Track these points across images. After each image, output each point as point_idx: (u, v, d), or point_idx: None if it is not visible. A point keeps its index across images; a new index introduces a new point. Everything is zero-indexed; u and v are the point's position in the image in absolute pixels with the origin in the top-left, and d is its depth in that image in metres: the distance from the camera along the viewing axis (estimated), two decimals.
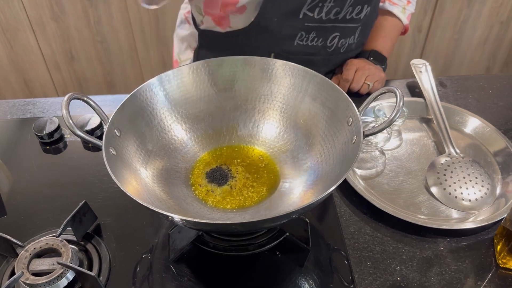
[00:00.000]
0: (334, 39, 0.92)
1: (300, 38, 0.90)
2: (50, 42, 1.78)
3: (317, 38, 0.91)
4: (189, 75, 0.72)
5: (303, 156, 0.70)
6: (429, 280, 0.62)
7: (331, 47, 0.94)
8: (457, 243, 0.66)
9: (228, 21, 0.93)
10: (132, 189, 0.58)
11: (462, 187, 0.72)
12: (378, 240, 0.67)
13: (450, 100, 0.92)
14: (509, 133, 0.83)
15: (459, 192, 0.71)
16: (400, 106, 0.58)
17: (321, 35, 0.91)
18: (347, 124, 0.63)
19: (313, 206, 0.53)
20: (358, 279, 0.62)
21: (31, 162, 0.81)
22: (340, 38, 0.93)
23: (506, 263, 0.63)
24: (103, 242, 0.66)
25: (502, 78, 1.01)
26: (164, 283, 0.62)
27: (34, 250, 0.61)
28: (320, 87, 0.68)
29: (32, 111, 0.93)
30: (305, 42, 0.91)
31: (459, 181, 0.72)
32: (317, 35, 0.91)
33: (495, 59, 1.98)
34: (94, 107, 0.62)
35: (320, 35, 0.91)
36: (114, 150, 0.60)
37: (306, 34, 0.90)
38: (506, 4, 1.78)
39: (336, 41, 0.93)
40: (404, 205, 0.71)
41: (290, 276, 0.62)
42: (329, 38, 0.92)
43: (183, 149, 0.72)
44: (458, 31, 1.86)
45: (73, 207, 0.65)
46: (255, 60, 0.72)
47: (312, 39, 0.91)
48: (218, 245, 0.65)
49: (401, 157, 0.80)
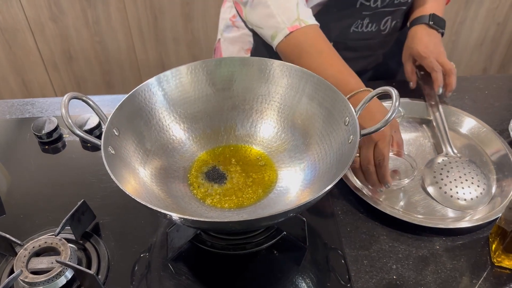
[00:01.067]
0: (386, 23, 0.93)
1: (355, 26, 0.92)
2: (49, 43, 1.78)
3: (371, 24, 0.92)
4: (187, 75, 0.72)
5: (300, 155, 0.70)
6: (425, 279, 0.62)
7: (385, 29, 0.95)
8: (453, 242, 0.67)
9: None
10: (130, 188, 0.58)
11: (458, 186, 0.72)
12: (374, 239, 0.67)
13: (446, 101, 0.93)
14: (504, 133, 0.83)
15: (455, 192, 0.72)
16: (396, 106, 0.58)
17: (374, 21, 0.92)
18: (344, 124, 0.63)
19: (310, 205, 0.54)
20: (354, 277, 0.62)
21: (30, 162, 0.81)
22: (392, 20, 0.94)
23: (501, 262, 0.63)
24: (102, 241, 0.67)
25: (498, 79, 1.02)
26: (162, 282, 0.62)
27: (33, 249, 0.61)
28: (317, 87, 0.69)
29: (31, 111, 0.93)
30: (360, 29, 0.92)
31: (455, 181, 0.73)
32: (371, 20, 0.92)
33: (492, 60, 1.99)
34: (93, 106, 0.63)
35: (374, 20, 0.92)
36: (112, 150, 0.60)
37: (361, 21, 0.91)
38: (502, 6, 1.79)
39: (389, 24, 0.94)
40: (400, 204, 0.72)
41: (287, 275, 0.63)
42: (382, 22, 0.93)
43: (181, 149, 0.73)
44: (455, 32, 1.87)
45: (71, 206, 0.65)
46: (252, 60, 0.73)
47: (366, 25, 0.92)
48: (216, 244, 0.66)
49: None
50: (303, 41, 0.76)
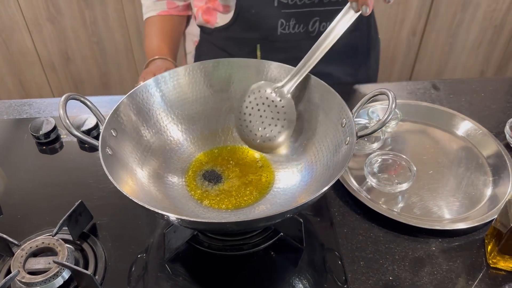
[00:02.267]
0: (315, 24, 0.92)
1: (282, 27, 0.91)
2: (46, 43, 1.78)
3: (298, 25, 0.91)
4: (185, 77, 0.73)
5: (297, 157, 0.71)
6: (421, 280, 0.62)
7: (313, 31, 0.93)
8: (449, 243, 0.67)
9: (215, 17, 0.94)
10: (128, 189, 0.58)
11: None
12: (371, 240, 0.68)
13: (443, 103, 0.93)
14: (501, 135, 0.84)
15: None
16: (392, 108, 0.59)
17: (301, 21, 0.91)
18: (341, 126, 0.64)
19: (307, 206, 0.54)
20: (351, 278, 0.63)
21: (28, 162, 0.81)
22: (321, 22, 0.92)
23: (497, 263, 0.63)
24: (99, 242, 0.67)
25: (494, 81, 1.02)
26: (159, 282, 0.62)
27: (30, 249, 0.61)
28: (314, 89, 0.69)
29: (28, 111, 0.93)
30: (287, 30, 0.92)
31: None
32: (297, 21, 0.91)
33: (489, 63, 2.00)
34: (90, 107, 0.63)
35: (300, 21, 0.91)
36: (110, 150, 0.61)
37: (286, 22, 0.90)
38: (499, 9, 1.80)
39: (318, 26, 0.93)
40: (397, 206, 0.72)
41: (284, 276, 0.63)
42: (309, 23, 0.92)
43: (179, 150, 0.73)
44: (452, 35, 1.88)
45: (69, 207, 0.65)
46: (250, 62, 0.73)
47: (293, 27, 0.91)
48: (213, 245, 0.66)
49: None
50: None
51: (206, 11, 0.97)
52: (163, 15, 1.03)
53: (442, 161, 0.80)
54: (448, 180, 0.77)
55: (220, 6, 0.93)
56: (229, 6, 0.92)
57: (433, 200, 0.73)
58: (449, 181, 0.76)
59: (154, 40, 1.03)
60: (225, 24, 0.94)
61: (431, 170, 0.78)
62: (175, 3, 1.02)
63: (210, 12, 0.96)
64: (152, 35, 1.04)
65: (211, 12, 0.96)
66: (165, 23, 1.04)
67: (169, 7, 1.03)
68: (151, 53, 1.01)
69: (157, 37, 1.03)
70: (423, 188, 0.75)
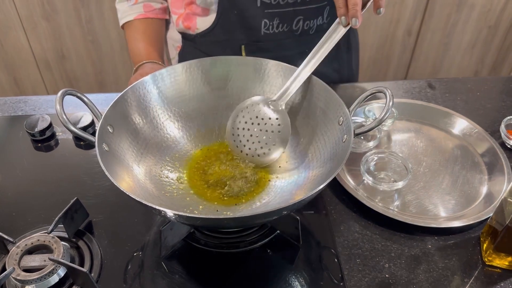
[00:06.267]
0: (298, 23, 0.92)
1: (265, 27, 0.91)
2: (41, 41, 1.77)
3: (282, 24, 0.91)
4: (183, 74, 0.72)
5: (295, 154, 0.71)
6: (417, 277, 0.63)
7: (297, 30, 0.93)
8: (445, 241, 0.67)
9: (195, 22, 0.94)
10: (125, 185, 0.58)
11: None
12: (367, 238, 0.68)
13: (438, 102, 0.94)
14: (496, 134, 0.84)
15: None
16: (389, 106, 0.59)
17: (284, 21, 0.91)
18: (338, 124, 0.64)
19: (303, 203, 0.54)
20: (347, 276, 0.63)
21: (23, 160, 0.80)
22: (305, 21, 0.92)
23: (492, 261, 0.64)
24: (95, 239, 0.66)
25: (489, 80, 1.03)
26: (155, 280, 0.62)
27: (25, 247, 0.60)
28: (311, 87, 0.69)
29: (23, 108, 0.93)
30: (271, 30, 0.91)
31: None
32: (281, 21, 0.90)
33: (484, 63, 2.01)
34: (87, 103, 0.63)
35: (284, 20, 0.90)
36: (107, 147, 0.60)
37: (270, 22, 0.90)
38: (494, 9, 1.81)
39: (301, 24, 0.92)
40: (393, 204, 0.73)
41: (281, 273, 0.63)
42: (293, 22, 0.91)
43: (175, 147, 0.73)
44: (447, 35, 1.89)
45: (64, 204, 0.65)
46: (248, 60, 0.73)
47: (277, 26, 0.91)
48: (210, 242, 0.66)
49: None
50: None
51: (186, 17, 0.95)
52: (141, 18, 1.00)
53: (438, 160, 0.80)
54: (443, 178, 0.77)
55: (199, 9, 0.92)
56: (209, 10, 0.91)
57: (429, 198, 0.73)
58: (444, 180, 0.77)
59: (140, 44, 0.99)
60: (206, 28, 0.93)
61: (427, 169, 0.79)
62: (152, 5, 0.99)
63: (189, 18, 0.94)
64: (137, 38, 1.00)
65: (190, 18, 0.94)
66: (147, 27, 1.01)
67: (146, 10, 0.99)
68: (139, 57, 0.97)
69: (143, 41, 0.99)
70: (419, 186, 0.75)
